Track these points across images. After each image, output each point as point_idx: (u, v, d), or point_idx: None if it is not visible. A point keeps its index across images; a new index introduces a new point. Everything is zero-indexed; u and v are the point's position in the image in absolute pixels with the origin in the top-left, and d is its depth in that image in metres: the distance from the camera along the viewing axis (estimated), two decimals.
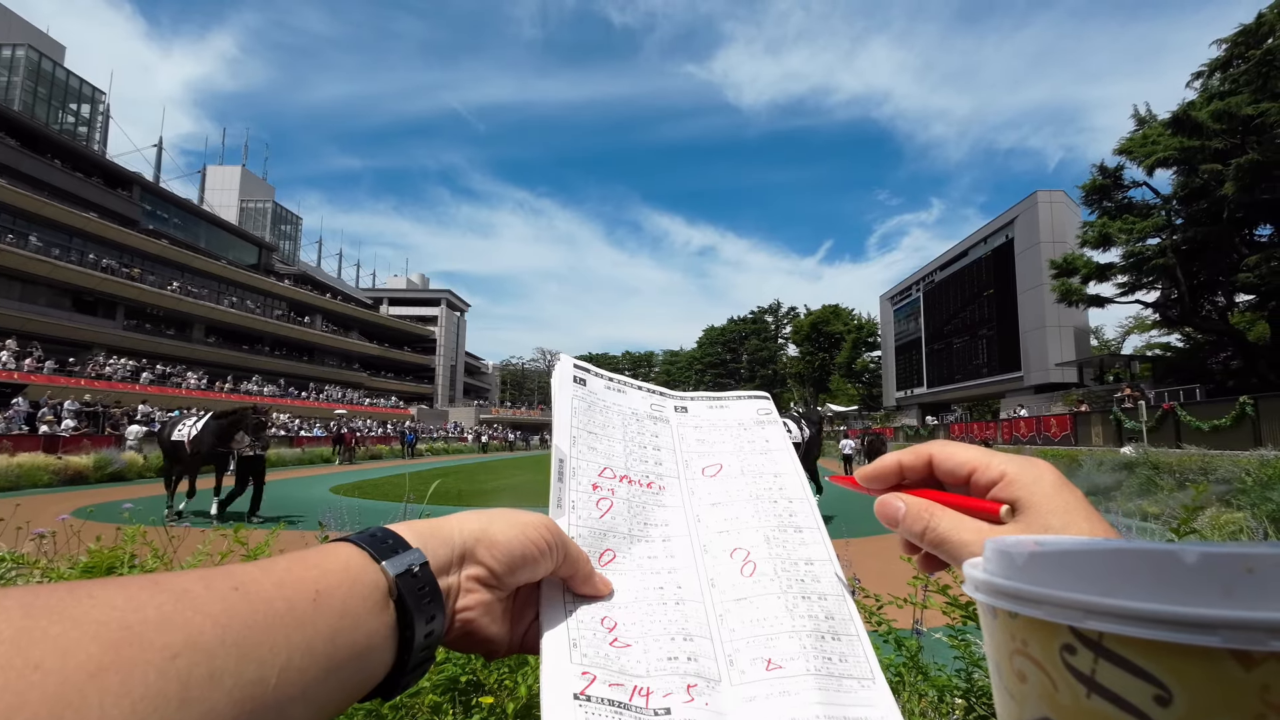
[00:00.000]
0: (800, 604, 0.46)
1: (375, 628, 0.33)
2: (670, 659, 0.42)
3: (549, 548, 0.42)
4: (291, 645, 0.29)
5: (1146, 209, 24.96)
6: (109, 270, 35.62)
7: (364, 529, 0.38)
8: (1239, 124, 19.99)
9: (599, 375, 0.60)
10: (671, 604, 0.46)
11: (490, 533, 0.40)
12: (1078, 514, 0.36)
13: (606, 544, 0.48)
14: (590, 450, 0.53)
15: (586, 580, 0.45)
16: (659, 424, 0.60)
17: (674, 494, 0.54)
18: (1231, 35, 21.11)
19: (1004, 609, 0.24)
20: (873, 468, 0.44)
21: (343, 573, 0.34)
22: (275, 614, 0.29)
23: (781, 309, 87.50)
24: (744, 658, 0.43)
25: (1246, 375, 23.78)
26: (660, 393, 0.63)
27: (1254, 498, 9.02)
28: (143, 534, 2.49)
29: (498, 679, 1.51)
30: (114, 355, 34.42)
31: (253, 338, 47.40)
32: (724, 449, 0.59)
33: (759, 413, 0.63)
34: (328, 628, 0.31)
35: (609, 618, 0.44)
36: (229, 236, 51.65)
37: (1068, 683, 0.22)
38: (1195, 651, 0.19)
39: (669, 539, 0.51)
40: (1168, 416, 18.16)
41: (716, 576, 0.48)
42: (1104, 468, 13.92)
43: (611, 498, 0.51)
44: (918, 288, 49.47)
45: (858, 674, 0.43)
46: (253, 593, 0.29)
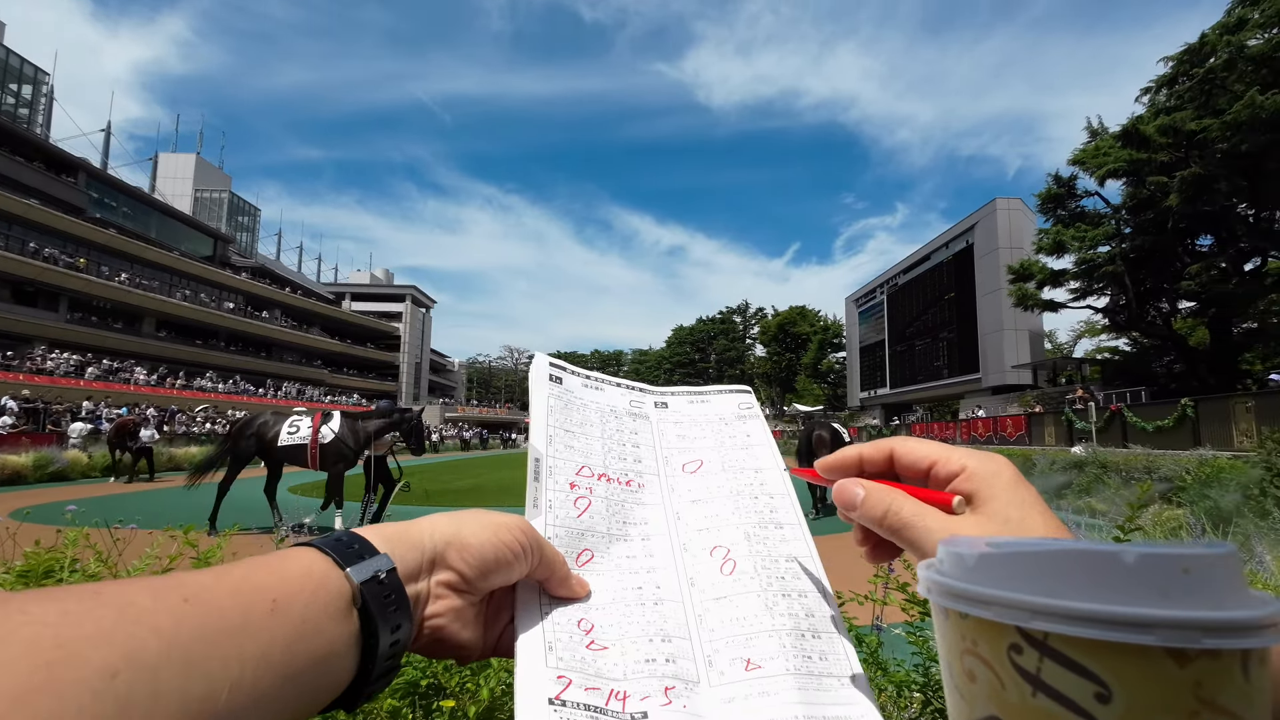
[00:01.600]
0: (780, 602, 0.45)
1: (336, 636, 0.32)
2: (648, 661, 0.41)
3: (523, 550, 0.41)
4: (244, 657, 0.27)
5: (1098, 218, 26.03)
6: (52, 260, 33.93)
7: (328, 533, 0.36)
8: (1183, 139, 20.97)
9: (576, 373, 0.59)
10: (650, 604, 0.45)
11: (462, 536, 0.39)
12: (1033, 509, 0.36)
13: (584, 544, 0.47)
14: (568, 449, 0.52)
15: (563, 582, 0.43)
16: (638, 420, 0.59)
17: (654, 491, 0.53)
18: (1177, 54, 22.14)
19: (954, 610, 0.25)
20: (833, 458, 0.44)
21: (303, 579, 0.32)
22: (228, 625, 0.27)
23: (749, 310, 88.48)
24: (723, 658, 0.42)
25: (1188, 378, 24.98)
26: (640, 389, 0.62)
27: (1193, 495, 9.49)
28: (85, 536, 2.37)
29: (459, 682, 1.48)
30: (56, 349, 32.83)
31: (207, 332, 45.73)
32: (705, 444, 0.58)
33: (740, 407, 0.61)
34: (285, 637, 0.29)
35: (586, 620, 0.43)
36: (182, 227, 49.75)
37: (1015, 681, 0.23)
38: (1133, 650, 0.20)
39: (648, 538, 0.50)
40: (1115, 417, 18.95)
41: (696, 575, 0.48)
42: (1055, 467, 14.43)
43: (590, 496, 0.50)
44: (882, 290, 50.59)
45: (838, 672, 0.42)
46: (205, 602, 0.27)
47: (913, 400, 45.55)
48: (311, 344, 55.78)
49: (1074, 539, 0.33)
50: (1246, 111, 18.12)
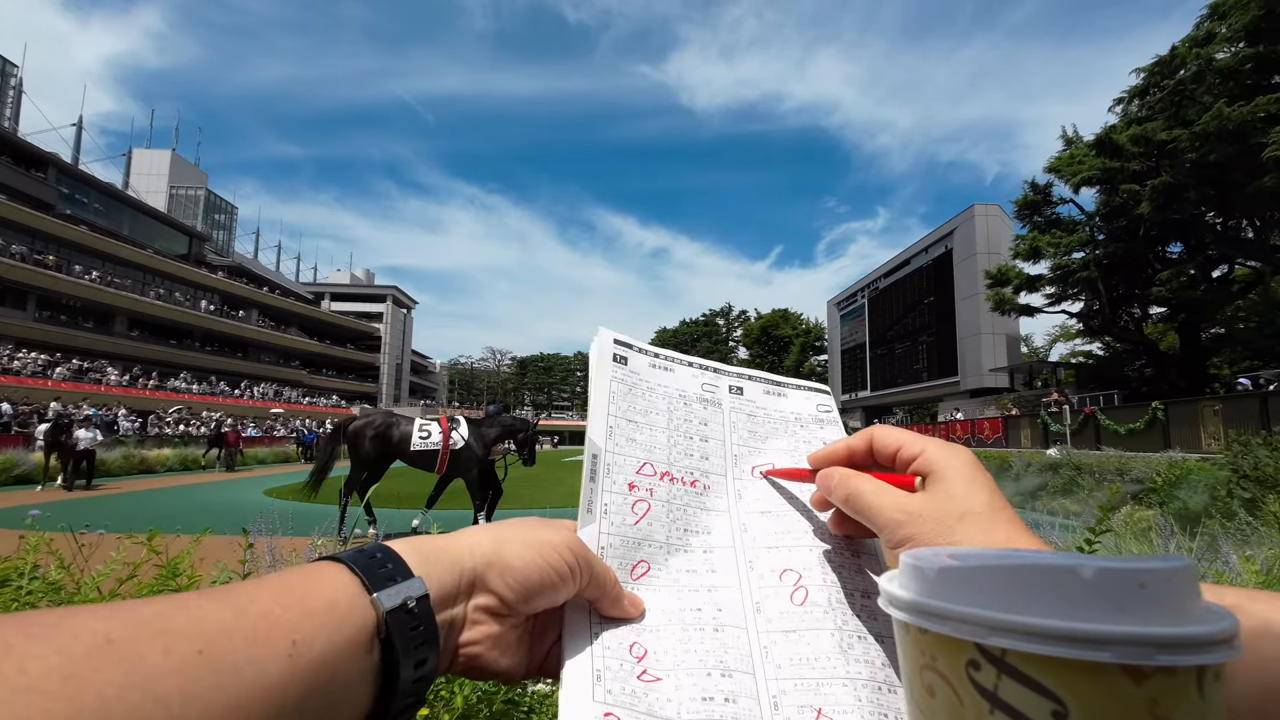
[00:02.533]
0: (856, 645, 0.40)
1: (353, 673, 0.30)
2: (705, 699, 0.36)
3: (571, 572, 0.37)
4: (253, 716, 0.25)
5: (1073, 224, 26.55)
6: (19, 257, 32.98)
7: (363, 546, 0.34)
8: (1154, 148, 21.48)
9: (643, 351, 0.52)
10: (710, 630, 0.40)
11: (504, 556, 0.36)
12: (978, 487, 0.38)
13: (641, 554, 0.43)
14: (629, 442, 0.47)
15: (615, 602, 0.40)
16: (710, 408, 0.52)
17: (720, 495, 0.48)
18: (1149, 65, 22.69)
19: (914, 624, 0.25)
20: (824, 452, 0.47)
21: (328, 613, 0.29)
22: (241, 684, 0.25)
23: (732, 312, 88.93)
24: (790, 703, 0.37)
25: (1159, 382, 25.55)
26: (714, 368, 0.56)
27: (1163, 496, 9.71)
28: (48, 542, 2.29)
29: (433, 689, 1.45)
30: (23, 348, 31.93)
31: (181, 332, 44.79)
32: (778, 446, 0.52)
33: (819, 409, 0.56)
34: (299, 684, 0.27)
35: (639, 644, 0.39)
36: (156, 224, 48.72)
37: (973, 698, 0.22)
38: (1089, 667, 0.20)
39: (710, 550, 0.45)
40: (1089, 420, 19.32)
41: (763, 601, 0.42)
42: (1031, 469, 14.67)
43: (649, 499, 0.45)
44: (863, 294, 51.11)
45: None
46: (218, 657, 0.25)
47: (893, 403, 46.04)
48: (290, 344, 54.89)
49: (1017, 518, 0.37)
50: (1214, 123, 18.61)
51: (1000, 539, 0.36)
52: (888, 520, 0.39)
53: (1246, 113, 17.79)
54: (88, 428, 15.58)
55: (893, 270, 46.02)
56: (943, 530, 0.37)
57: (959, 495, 0.38)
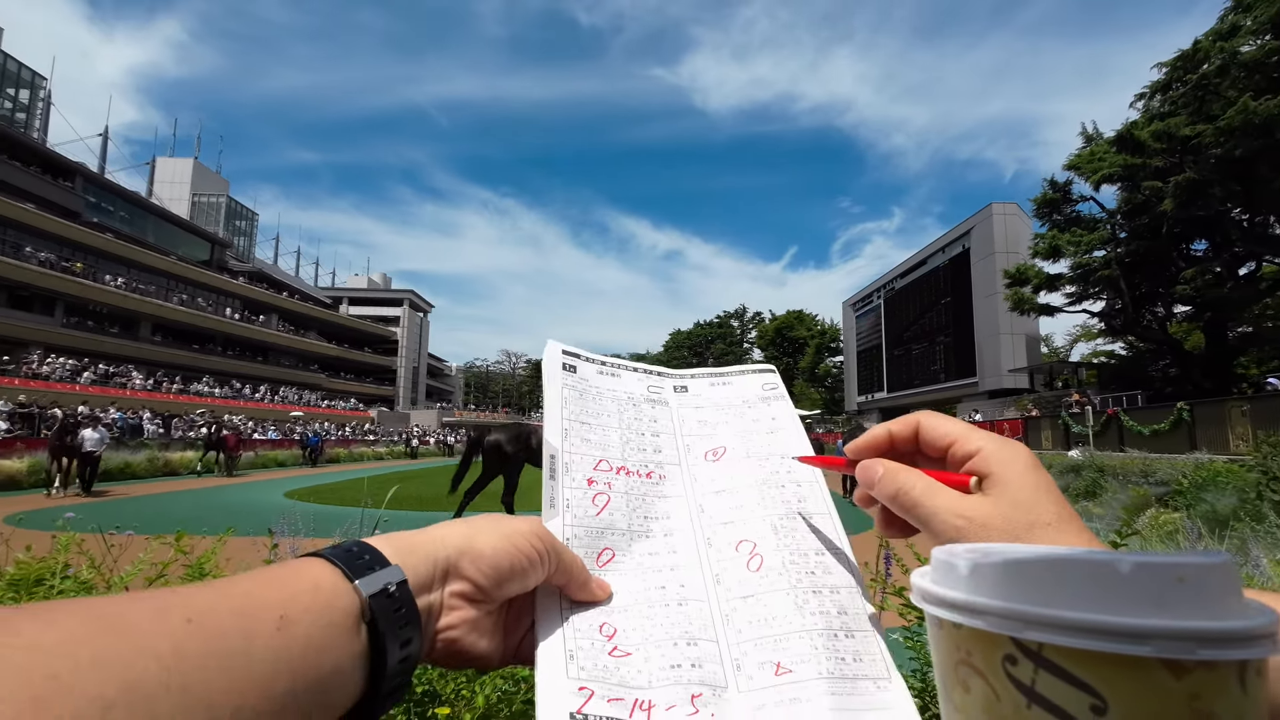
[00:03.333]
0: (811, 599, 0.43)
1: (343, 653, 0.31)
2: (673, 667, 0.39)
3: (540, 557, 0.39)
4: (247, 685, 0.26)
5: (1093, 222, 26.13)
6: (48, 264, 33.82)
7: (339, 543, 0.35)
8: (1177, 144, 21.08)
9: (590, 360, 0.56)
10: (674, 605, 0.43)
11: (475, 545, 0.38)
12: (1045, 494, 0.36)
13: (604, 543, 0.45)
14: (584, 442, 0.50)
15: (583, 586, 0.42)
16: (657, 407, 0.56)
17: (675, 483, 0.51)
18: (1171, 60, 22.27)
19: (948, 619, 0.25)
20: (865, 439, 0.44)
21: (311, 595, 0.31)
22: (231, 650, 0.26)
23: (747, 314, 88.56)
24: (752, 661, 0.40)
25: (1184, 382, 25.04)
26: (658, 372, 0.59)
27: (1190, 499, 9.50)
28: (79, 543, 2.35)
29: (455, 689, 1.47)
30: (52, 354, 32.71)
31: (204, 337, 45.59)
32: (728, 430, 0.55)
33: (764, 388, 0.58)
34: (289, 658, 0.28)
35: (608, 623, 0.41)
36: (179, 231, 49.69)
37: (1009, 693, 0.22)
38: (1128, 661, 0.20)
39: (671, 533, 0.47)
40: (1112, 421, 18.99)
41: (722, 572, 0.45)
42: (1053, 471, 14.44)
43: (609, 492, 0.48)
44: (879, 295, 50.68)
45: (873, 674, 0.40)
46: (208, 625, 0.26)
47: (910, 404, 45.55)
48: (309, 348, 55.65)
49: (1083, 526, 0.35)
50: (1240, 117, 18.22)
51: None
52: (944, 525, 0.37)
53: (1273, 106, 17.40)
54: (95, 428, 14.52)
55: (909, 270, 45.58)
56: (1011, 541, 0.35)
57: (1026, 503, 0.35)
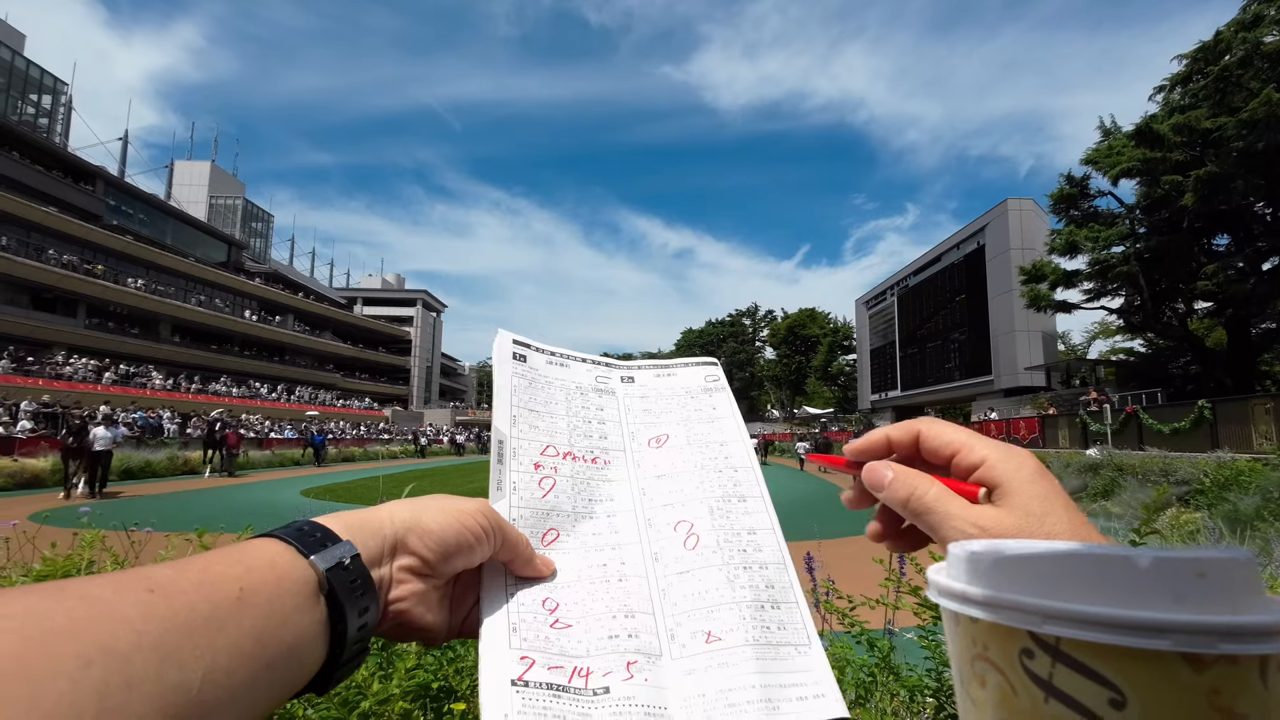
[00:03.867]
0: (741, 574, 0.46)
1: (305, 624, 0.33)
2: (611, 637, 0.42)
3: (484, 533, 0.41)
4: (216, 647, 0.27)
5: (1111, 218, 25.72)
6: (70, 267, 34.44)
7: (290, 523, 0.37)
8: (1198, 137, 20.70)
9: (540, 350, 0.58)
10: (615, 581, 0.46)
11: (422, 521, 0.40)
12: (1055, 502, 0.36)
13: (550, 524, 0.48)
14: (532, 429, 0.52)
15: (527, 563, 0.44)
16: (604, 396, 0.58)
17: (619, 468, 0.53)
18: (1191, 51, 21.87)
19: (965, 614, 0.25)
20: (861, 441, 0.44)
21: (268, 569, 0.32)
22: (196, 615, 0.27)
23: (759, 312, 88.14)
24: (685, 631, 0.43)
25: (1205, 380, 24.61)
26: (606, 364, 0.61)
27: (1211, 498, 9.34)
28: (101, 539, 2.40)
29: (470, 685, 1.49)
30: (75, 354, 33.31)
31: (221, 337, 46.22)
32: (671, 419, 0.57)
33: (707, 379, 0.61)
34: (254, 627, 0.29)
35: (551, 599, 0.44)
36: (197, 233, 50.39)
37: (1026, 687, 0.22)
38: (1148, 655, 0.20)
39: (614, 514, 0.50)
40: (1131, 419, 18.70)
41: (660, 550, 0.48)
42: (1070, 470, 14.26)
43: (554, 476, 0.50)
44: (892, 292, 50.27)
45: (795, 640, 0.43)
46: (171, 593, 0.27)
47: (924, 402, 45.16)
48: (324, 348, 56.22)
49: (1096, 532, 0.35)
50: (1263, 109, 17.85)
51: None
52: (957, 533, 0.36)
53: None
54: (107, 426, 14.20)
55: (923, 268, 45.16)
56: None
57: (1038, 513, 0.35)
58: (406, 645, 1.54)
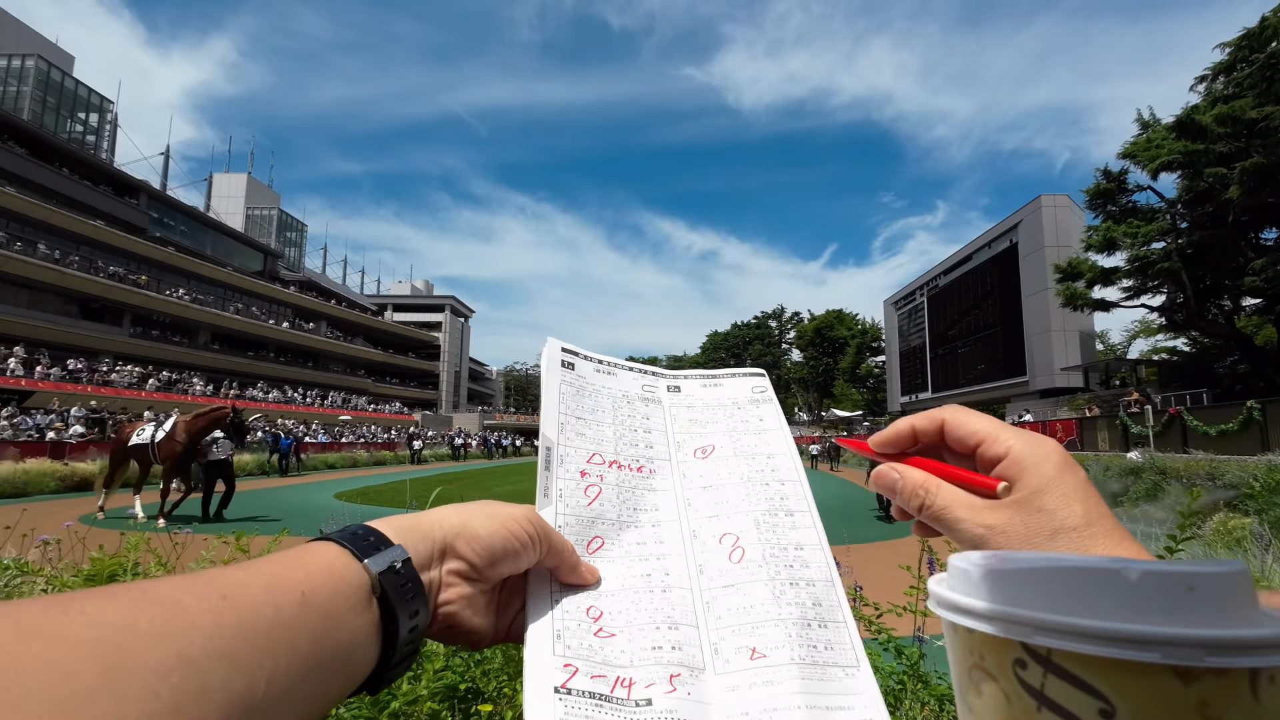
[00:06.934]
0: (787, 590, 0.45)
1: (359, 626, 0.34)
2: (654, 648, 0.42)
3: (531, 540, 0.42)
4: (278, 652, 0.28)
5: (1151, 213, 24.90)
6: (116, 277, 35.87)
7: (344, 528, 0.38)
8: (1243, 128, 19.93)
9: (588, 358, 0.58)
10: (659, 591, 0.45)
11: (470, 527, 0.40)
12: (1074, 499, 0.35)
13: (595, 531, 0.48)
14: (579, 436, 0.52)
15: (572, 570, 0.44)
16: (651, 405, 0.58)
17: (665, 478, 0.53)
18: (1235, 39, 21.09)
19: (961, 624, 0.25)
20: (886, 432, 0.44)
21: (326, 573, 0.33)
22: (263, 620, 0.29)
23: (785, 314, 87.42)
24: (728, 646, 0.43)
25: (1254, 379, 23.63)
26: (653, 373, 0.61)
27: (1262, 503, 8.96)
28: (146, 541, 2.50)
29: (496, 686, 1.51)
30: (120, 362, 34.63)
31: (258, 344, 47.59)
32: (717, 429, 0.57)
33: (754, 390, 0.60)
34: (313, 630, 0.31)
35: (595, 607, 0.43)
36: (235, 243, 51.99)
37: (1020, 696, 0.23)
38: (1137, 667, 0.20)
39: (658, 524, 0.50)
40: (1174, 421, 18.04)
41: (705, 563, 0.47)
42: (1110, 473, 13.83)
43: (600, 484, 0.50)
44: (922, 292, 49.40)
45: (843, 662, 0.42)
46: (241, 600, 0.29)
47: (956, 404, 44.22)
48: (356, 354, 57.46)
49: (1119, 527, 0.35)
50: None
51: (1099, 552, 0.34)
52: (966, 535, 0.37)
53: None
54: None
55: (953, 267, 44.29)
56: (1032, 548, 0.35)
57: (1050, 509, 0.35)
58: (435, 646, 1.57)
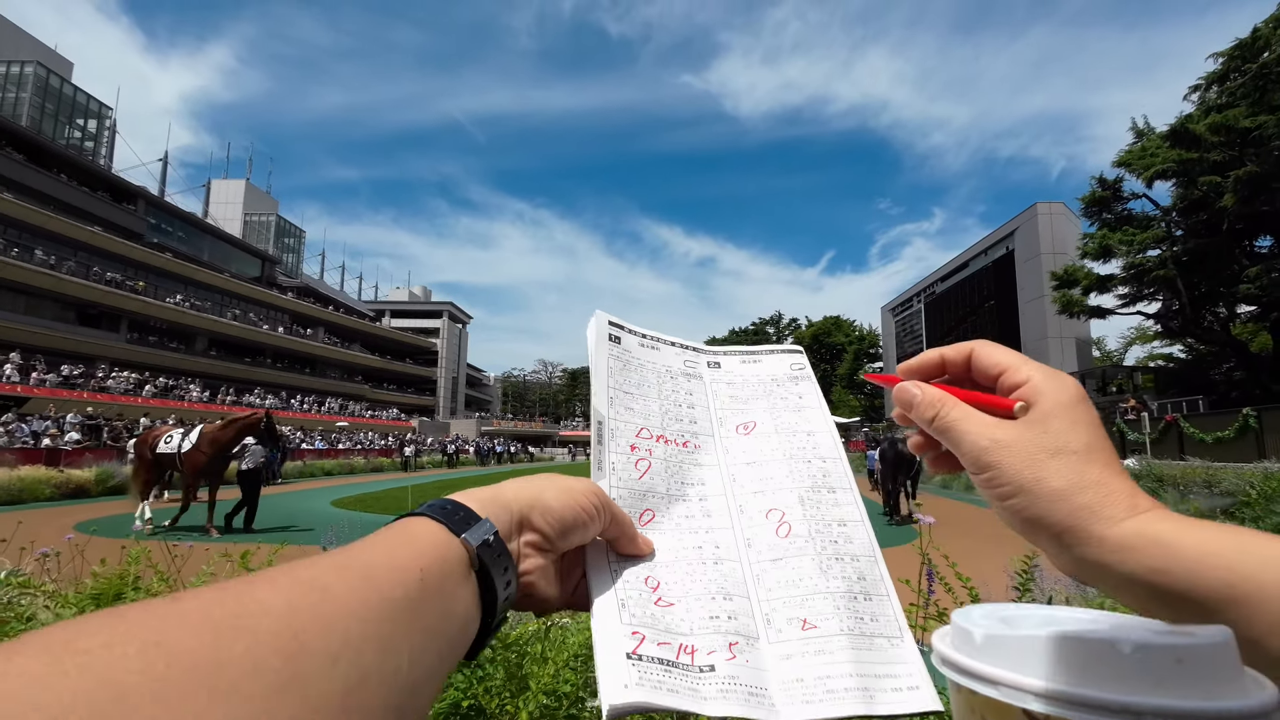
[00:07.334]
0: (834, 565, 0.47)
1: (466, 597, 0.35)
2: (712, 618, 0.44)
3: (597, 512, 0.44)
4: (414, 630, 0.30)
5: (1146, 220, 25.05)
6: (113, 283, 35.77)
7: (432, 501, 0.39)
8: (1237, 136, 20.10)
9: (633, 332, 0.59)
10: (710, 563, 0.47)
11: (544, 499, 0.42)
12: (1083, 426, 0.37)
13: (646, 504, 0.49)
14: (627, 410, 0.53)
15: (631, 541, 0.46)
16: (693, 381, 0.59)
17: (709, 453, 0.54)
18: (1228, 49, 21.27)
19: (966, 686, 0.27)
20: (915, 360, 0.46)
21: (434, 551, 0.35)
22: (397, 601, 0.30)
23: (783, 320, 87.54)
24: (780, 617, 0.45)
25: (1249, 386, 23.71)
26: (694, 348, 0.62)
27: (1259, 510, 8.98)
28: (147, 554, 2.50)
29: (499, 704, 1.52)
30: (117, 368, 34.50)
31: (255, 350, 47.43)
32: (757, 406, 0.58)
33: (793, 368, 0.61)
34: (435, 605, 0.32)
35: (652, 577, 0.45)
36: (232, 249, 51.94)
37: None
38: None
39: (705, 498, 0.51)
40: (1171, 428, 18.11)
41: (753, 537, 0.49)
42: None
43: (649, 458, 0.51)
44: (919, 299, 49.56)
45: (888, 633, 0.44)
46: (377, 581, 0.30)
47: None
48: (353, 360, 57.32)
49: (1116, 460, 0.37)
50: None
51: (1093, 479, 0.36)
52: (971, 446, 0.39)
53: None
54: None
55: (950, 274, 44.48)
56: (1031, 464, 0.37)
57: (1056, 430, 0.37)
58: None
